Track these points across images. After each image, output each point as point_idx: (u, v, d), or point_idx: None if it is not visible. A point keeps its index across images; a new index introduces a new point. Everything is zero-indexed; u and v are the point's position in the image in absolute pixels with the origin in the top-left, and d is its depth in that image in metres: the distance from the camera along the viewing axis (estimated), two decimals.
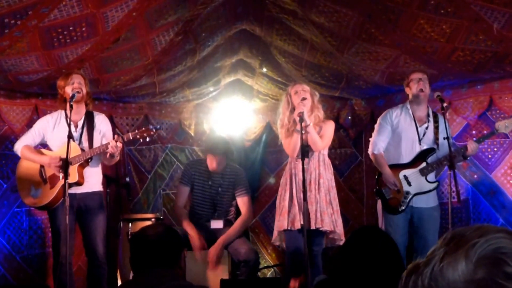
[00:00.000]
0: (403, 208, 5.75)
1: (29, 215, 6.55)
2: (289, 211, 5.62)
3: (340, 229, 5.70)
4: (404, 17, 5.46)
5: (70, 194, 5.24)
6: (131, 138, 5.51)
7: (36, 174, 5.63)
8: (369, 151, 6.00)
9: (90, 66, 5.91)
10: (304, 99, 5.61)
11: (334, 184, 5.81)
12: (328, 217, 5.58)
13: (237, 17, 6.48)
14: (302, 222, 5.44)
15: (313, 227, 5.52)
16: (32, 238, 6.59)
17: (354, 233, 3.06)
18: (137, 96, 7.24)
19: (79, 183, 5.47)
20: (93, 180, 5.68)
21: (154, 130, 5.54)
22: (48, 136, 5.69)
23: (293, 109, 5.65)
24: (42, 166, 5.62)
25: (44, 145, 5.86)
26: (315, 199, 5.57)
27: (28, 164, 5.68)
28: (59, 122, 5.66)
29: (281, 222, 5.67)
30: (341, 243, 5.57)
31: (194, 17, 5.85)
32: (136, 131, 5.54)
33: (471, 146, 5.68)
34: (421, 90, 5.77)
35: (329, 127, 5.83)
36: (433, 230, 5.79)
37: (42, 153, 5.67)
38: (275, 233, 5.84)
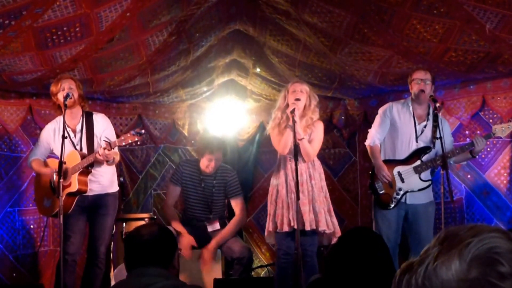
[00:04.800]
0: (394, 205, 5.75)
1: (22, 215, 6.54)
2: (278, 213, 5.58)
3: (336, 227, 5.64)
4: (397, 17, 5.47)
5: (82, 197, 5.56)
6: (117, 144, 5.50)
7: (47, 186, 5.73)
8: (366, 142, 5.98)
9: (84, 66, 5.90)
10: (298, 100, 5.55)
11: (325, 184, 5.76)
12: (323, 217, 5.53)
13: (230, 17, 6.48)
14: (293, 224, 5.41)
15: (307, 228, 5.46)
16: (25, 238, 6.58)
17: (347, 233, 3.07)
18: (131, 96, 7.22)
19: (80, 191, 5.52)
20: (105, 182, 5.73)
21: (138, 136, 5.44)
22: (52, 145, 5.74)
23: (287, 106, 5.59)
24: (52, 178, 5.67)
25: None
26: (308, 200, 5.51)
27: (42, 177, 5.82)
28: (59, 129, 5.63)
29: (271, 223, 5.64)
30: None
31: (187, 17, 5.85)
32: (122, 137, 5.47)
33: (479, 142, 5.60)
34: (422, 91, 5.72)
35: (319, 130, 5.75)
36: (428, 227, 5.80)
37: (46, 165, 5.75)
38: (267, 231, 5.77)
